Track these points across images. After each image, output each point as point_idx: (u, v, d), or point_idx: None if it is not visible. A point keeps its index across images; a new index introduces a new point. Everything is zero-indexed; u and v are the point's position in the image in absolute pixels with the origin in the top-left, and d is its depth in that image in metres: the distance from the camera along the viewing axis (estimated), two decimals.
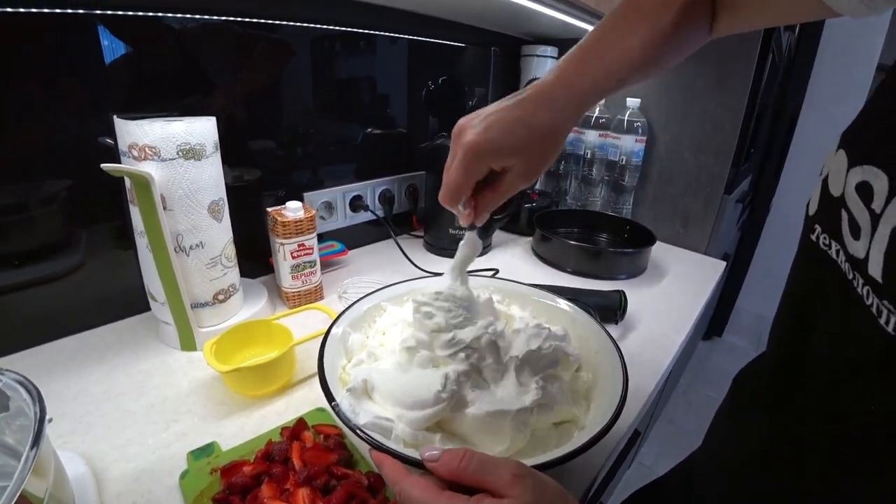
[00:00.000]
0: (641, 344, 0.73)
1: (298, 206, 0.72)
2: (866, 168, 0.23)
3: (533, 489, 0.30)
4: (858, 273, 0.23)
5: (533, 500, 0.29)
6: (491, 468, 0.31)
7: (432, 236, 1.02)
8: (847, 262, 0.25)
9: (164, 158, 0.56)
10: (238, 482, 0.42)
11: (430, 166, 0.99)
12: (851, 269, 0.24)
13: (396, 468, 0.34)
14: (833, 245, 0.26)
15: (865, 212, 0.23)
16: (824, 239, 0.27)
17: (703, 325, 2.27)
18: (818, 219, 0.29)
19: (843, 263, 0.25)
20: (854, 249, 0.24)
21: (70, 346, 0.65)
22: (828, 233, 0.27)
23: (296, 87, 0.84)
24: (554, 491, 0.31)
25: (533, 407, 0.41)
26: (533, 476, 0.31)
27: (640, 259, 0.97)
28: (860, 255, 0.23)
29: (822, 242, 0.28)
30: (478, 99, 1.20)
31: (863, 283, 0.23)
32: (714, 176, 1.11)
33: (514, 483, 0.30)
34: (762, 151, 1.84)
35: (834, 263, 0.26)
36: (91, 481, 0.45)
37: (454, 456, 0.32)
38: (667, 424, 1.92)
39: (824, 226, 0.28)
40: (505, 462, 0.32)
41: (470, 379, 0.42)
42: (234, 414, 0.55)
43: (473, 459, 0.32)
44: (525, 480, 0.30)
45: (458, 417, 0.40)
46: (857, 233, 0.24)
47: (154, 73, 0.66)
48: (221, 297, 0.66)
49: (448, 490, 0.31)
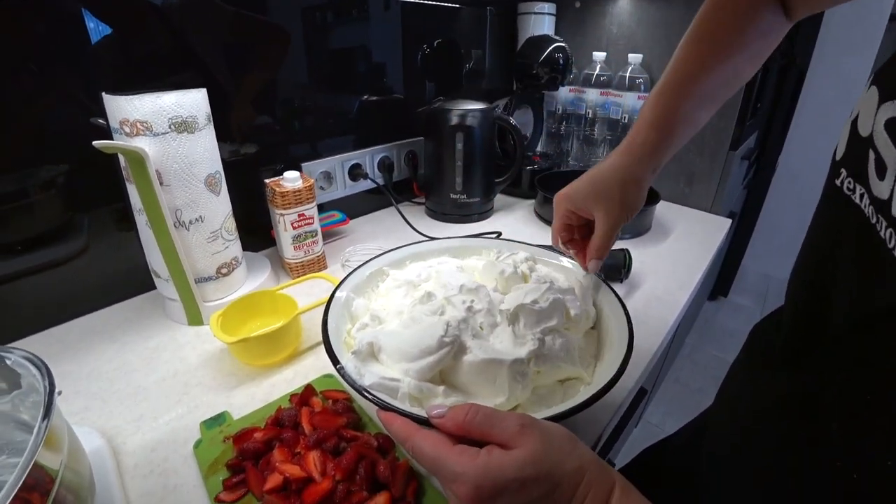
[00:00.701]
0: (647, 302, 0.73)
1: (296, 176, 0.71)
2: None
3: (540, 439, 0.30)
4: (882, 216, 0.23)
5: (541, 449, 0.30)
6: (497, 421, 0.31)
7: (433, 202, 1.01)
8: (871, 205, 0.24)
9: (157, 133, 0.55)
10: (250, 448, 0.43)
11: (428, 131, 0.97)
12: (875, 213, 0.24)
13: (406, 425, 0.34)
14: (857, 189, 0.26)
15: (893, 149, 0.22)
16: (849, 183, 0.27)
17: (709, 284, 2.26)
18: (844, 162, 0.28)
19: (866, 207, 0.25)
20: (879, 190, 0.23)
21: (79, 328, 0.66)
22: (853, 176, 0.27)
23: (288, 59, 0.82)
24: (561, 437, 0.31)
25: (529, 358, 0.41)
26: (539, 425, 0.31)
27: (645, 218, 0.96)
28: (884, 196, 0.23)
29: (847, 187, 0.27)
30: (475, 61, 1.17)
31: (886, 226, 0.22)
32: (719, 132, 1.09)
33: (521, 433, 0.30)
34: (769, 107, 1.79)
35: (857, 208, 0.26)
36: (108, 453, 0.46)
37: (460, 411, 0.32)
38: (673, 383, 1.94)
39: (850, 169, 0.27)
40: (510, 414, 0.32)
41: (469, 326, 0.43)
42: (244, 384, 0.55)
43: (479, 413, 0.32)
44: (532, 430, 0.30)
45: (458, 367, 0.41)
46: (883, 172, 0.23)
47: (141, 52, 0.65)
48: (225, 271, 0.66)
49: (460, 445, 0.32)
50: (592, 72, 1.15)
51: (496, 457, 0.29)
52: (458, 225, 0.98)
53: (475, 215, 0.99)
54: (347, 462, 0.39)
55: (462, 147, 0.91)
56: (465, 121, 0.89)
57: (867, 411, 0.24)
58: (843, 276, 0.27)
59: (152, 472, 0.45)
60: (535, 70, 1.08)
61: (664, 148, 0.50)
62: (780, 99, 1.88)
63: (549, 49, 1.07)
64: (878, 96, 0.25)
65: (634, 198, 0.50)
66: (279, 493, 0.39)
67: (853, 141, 0.27)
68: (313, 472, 0.39)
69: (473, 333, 0.43)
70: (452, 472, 0.30)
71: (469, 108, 0.90)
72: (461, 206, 0.97)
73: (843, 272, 0.27)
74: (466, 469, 0.29)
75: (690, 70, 0.48)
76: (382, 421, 0.35)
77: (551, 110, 1.26)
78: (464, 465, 0.30)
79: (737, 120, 1.07)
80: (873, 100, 0.25)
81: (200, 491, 0.43)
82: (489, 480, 0.29)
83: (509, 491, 0.28)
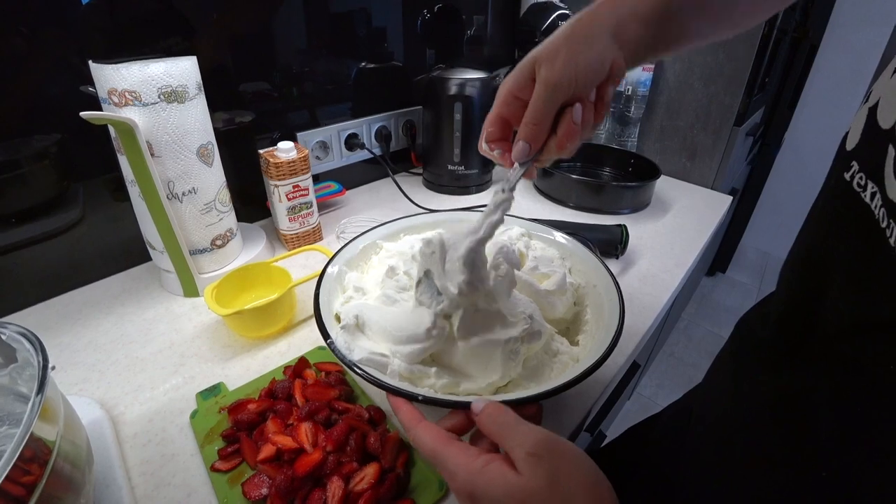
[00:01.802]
0: (642, 278, 0.73)
1: (290, 147, 0.70)
2: None
3: (548, 475, 0.27)
4: (894, 220, 0.21)
5: (544, 488, 0.27)
6: (512, 435, 0.30)
7: (431, 173, 1.00)
8: (883, 207, 0.22)
9: (146, 103, 0.54)
10: (244, 419, 0.44)
11: (427, 101, 0.95)
12: (887, 216, 0.21)
13: (411, 414, 0.34)
14: (869, 187, 0.23)
15: None
16: (860, 179, 0.24)
17: (708, 260, 2.26)
18: (857, 154, 0.25)
19: (877, 209, 0.22)
20: (895, 193, 0.21)
21: (77, 299, 0.66)
22: (866, 171, 0.24)
23: (286, 23, 0.79)
24: (574, 487, 0.27)
25: (522, 336, 0.41)
26: (552, 461, 0.28)
27: (644, 193, 0.95)
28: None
29: (857, 183, 0.25)
30: (476, 27, 1.14)
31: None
32: (724, 106, 1.07)
33: (526, 461, 0.28)
34: (777, 82, 1.74)
35: (865, 208, 0.23)
36: (108, 424, 0.47)
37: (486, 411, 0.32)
38: (667, 357, 1.97)
39: (863, 163, 0.25)
40: (528, 433, 0.30)
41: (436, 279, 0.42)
42: (239, 356, 0.56)
43: (499, 419, 0.31)
44: (538, 464, 0.27)
45: (451, 349, 0.41)
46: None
47: (133, 14, 0.63)
48: (219, 243, 0.66)
49: (459, 442, 0.32)
50: None
51: (492, 471, 0.28)
52: (456, 197, 0.97)
53: (473, 187, 0.99)
54: (338, 434, 0.40)
55: (460, 117, 0.89)
56: (463, 90, 0.88)
57: (858, 422, 0.23)
58: (841, 279, 0.25)
59: (150, 442, 0.46)
60: (537, 38, 1.05)
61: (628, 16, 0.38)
62: (790, 73, 1.83)
63: (553, 17, 1.03)
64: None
65: (585, 55, 0.36)
66: (272, 462, 0.40)
67: (870, 132, 0.25)
68: (305, 444, 0.40)
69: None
70: (445, 468, 0.31)
71: (468, 77, 0.88)
72: (459, 177, 0.96)
73: (841, 274, 0.25)
74: (458, 469, 0.30)
75: None
76: (391, 405, 0.36)
77: None
78: (458, 464, 0.30)
79: (743, 94, 1.05)
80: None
81: (197, 459, 0.44)
82: (474, 488, 0.28)
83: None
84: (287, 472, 0.38)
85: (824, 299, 0.26)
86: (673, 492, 0.39)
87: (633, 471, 0.34)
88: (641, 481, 0.46)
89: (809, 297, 0.28)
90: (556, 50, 0.36)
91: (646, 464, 0.49)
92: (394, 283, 0.47)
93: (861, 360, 0.23)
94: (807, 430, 0.26)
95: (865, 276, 0.23)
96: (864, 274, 0.23)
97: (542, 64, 0.36)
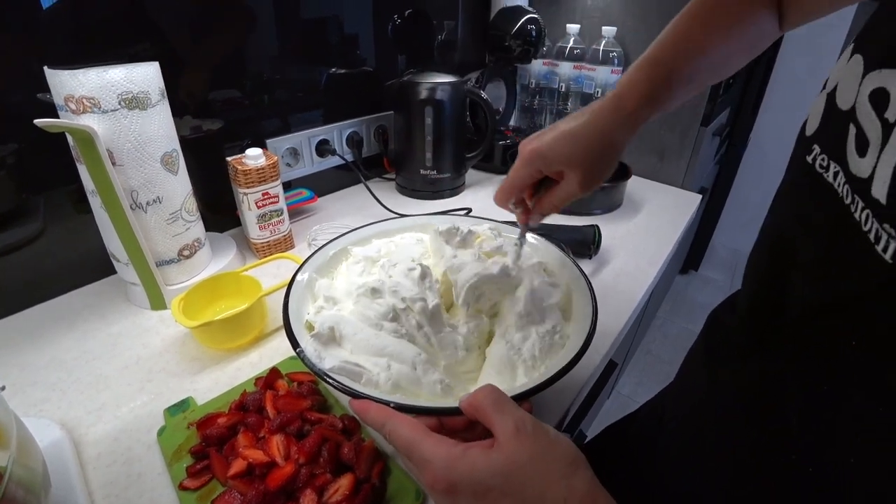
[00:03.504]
0: (616, 277, 0.73)
1: (259, 154, 0.69)
2: (885, 72, 0.21)
3: (529, 449, 0.28)
4: (859, 196, 0.22)
5: (522, 461, 0.28)
6: (503, 408, 0.30)
7: (404, 178, 0.99)
8: (847, 184, 0.23)
9: (106, 110, 0.52)
10: (214, 433, 0.42)
11: (398, 105, 0.95)
12: (851, 192, 0.22)
13: (381, 410, 0.33)
14: (832, 167, 0.24)
15: (877, 122, 0.21)
16: (822, 160, 0.25)
17: (680, 259, 2.31)
18: (818, 138, 0.26)
19: (841, 187, 0.23)
20: (858, 169, 0.22)
21: (37, 316, 0.63)
22: (828, 152, 0.25)
23: (257, 30, 0.78)
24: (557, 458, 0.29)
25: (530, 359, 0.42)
26: (538, 435, 0.29)
27: (616, 193, 0.96)
28: (864, 174, 0.21)
29: (820, 164, 0.26)
30: (447, 32, 1.14)
31: (862, 207, 0.21)
32: (691, 108, 1.09)
33: (515, 435, 0.29)
34: (742, 83, 1.80)
35: (829, 187, 0.24)
36: (68, 445, 0.45)
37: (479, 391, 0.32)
38: (645, 355, 2.00)
39: (825, 144, 0.26)
40: (517, 409, 0.31)
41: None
42: (209, 368, 0.54)
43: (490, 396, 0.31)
44: (525, 437, 0.29)
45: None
46: (865, 148, 0.22)
47: (95, 20, 0.61)
48: (187, 253, 0.64)
49: (437, 434, 0.31)
50: (566, 45, 1.13)
51: (472, 454, 0.28)
52: (429, 201, 0.97)
53: (446, 191, 0.98)
54: (311, 445, 0.39)
55: (432, 121, 0.89)
56: (434, 94, 0.87)
57: (825, 403, 0.23)
58: (806, 260, 0.26)
59: (115, 462, 0.44)
60: (507, 42, 1.06)
61: (647, 119, 0.45)
62: (753, 75, 1.90)
63: (522, 20, 1.04)
64: (862, 65, 0.23)
65: (612, 165, 0.45)
66: (243, 477, 0.39)
67: (829, 115, 0.26)
68: (276, 457, 0.39)
69: None
70: (422, 458, 0.30)
71: (439, 81, 0.88)
72: (432, 181, 0.96)
73: (805, 257, 0.26)
74: (435, 457, 0.29)
75: (686, 47, 0.44)
76: (356, 410, 0.35)
77: (524, 84, 1.25)
78: (434, 452, 0.29)
79: (708, 96, 1.07)
80: (857, 69, 0.23)
81: (165, 478, 0.42)
82: (454, 474, 0.28)
83: (470, 492, 0.28)
84: (259, 487, 0.37)
85: (789, 285, 0.27)
86: (649, 489, 0.39)
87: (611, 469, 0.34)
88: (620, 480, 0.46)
89: (775, 283, 0.29)
90: (592, 158, 0.43)
91: (623, 462, 0.50)
92: (376, 308, 0.45)
93: (825, 342, 0.24)
94: (775, 413, 0.27)
95: (832, 252, 0.24)
96: (831, 250, 0.24)
97: (577, 166, 0.43)
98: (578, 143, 0.43)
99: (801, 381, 0.25)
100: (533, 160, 0.44)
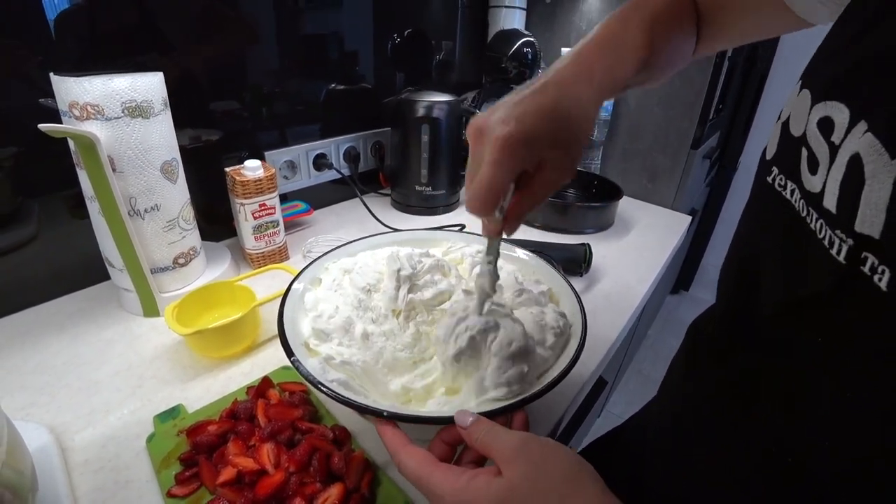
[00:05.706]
0: (606, 296, 0.74)
1: (257, 165, 0.70)
2: (828, 104, 0.24)
3: (528, 470, 0.29)
4: (813, 208, 0.24)
5: (522, 484, 0.29)
6: (498, 436, 0.31)
7: (399, 194, 1.01)
8: (802, 199, 0.25)
9: (109, 117, 0.53)
10: (204, 441, 0.42)
11: (395, 122, 0.97)
12: (806, 206, 0.25)
13: (396, 439, 0.34)
14: (789, 185, 0.27)
15: (825, 145, 0.23)
16: (780, 180, 0.28)
17: (671, 279, 2.33)
18: (776, 161, 0.29)
19: (797, 202, 0.26)
20: (811, 185, 0.24)
21: (27, 319, 0.63)
22: (785, 173, 0.28)
23: (258, 45, 0.80)
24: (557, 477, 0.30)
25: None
26: (536, 452, 0.30)
27: (608, 213, 0.98)
28: (816, 189, 0.24)
29: (778, 183, 0.28)
30: (445, 52, 1.17)
31: (816, 218, 0.23)
32: (681, 130, 1.12)
33: (515, 456, 0.30)
34: (731, 108, 1.85)
35: (787, 203, 0.27)
36: (55, 450, 0.44)
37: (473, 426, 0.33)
38: (636, 374, 2.00)
39: (782, 167, 0.28)
40: (508, 437, 0.32)
41: None
42: (200, 376, 0.54)
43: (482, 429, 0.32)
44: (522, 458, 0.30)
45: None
46: (815, 167, 0.24)
47: (104, 28, 0.62)
48: (182, 261, 0.64)
49: (443, 464, 0.32)
50: None
51: (477, 483, 0.30)
52: (424, 217, 0.98)
53: (441, 207, 1.00)
54: (301, 454, 0.39)
55: (428, 139, 0.91)
56: (431, 112, 0.89)
57: (800, 392, 0.25)
58: (771, 268, 0.28)
59: (103, 468, 0.44)
60: (503, 63, 1.09)
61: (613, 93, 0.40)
62: (742, 100, 1.94)
63: (518, 43, 1.07)
64: (810, 98, 0.26)
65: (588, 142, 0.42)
66: (232, 486, 0.39)
67: (785, 141, 0.28)
68: (266, 465, 0.39)
69: None
70: (432, 492, 0.31)
71: (436, 99, 0.90)
72: (427, 198, 0.97)
73: (771, 264, 0.28)
74: (444, 491, 0.30)
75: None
76: (378, 431, 0.36)
77: None
78: (443, 486, 0.30)
79: (698, 121, 1.10)
80: (806, 101, 0.26)
81: (153, 485, 0.42)
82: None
83: None
84: (248, 495, 0.37)
85: (758, 289, 0.29)
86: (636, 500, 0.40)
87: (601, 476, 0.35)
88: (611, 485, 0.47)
89: (746, 289, 0.31)
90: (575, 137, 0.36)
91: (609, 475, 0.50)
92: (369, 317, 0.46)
93: (794, 339, 0.25)
94: (755, 408, 0.28)
95: (791, 258, 0.26)
96: (791, 257, 0.26)
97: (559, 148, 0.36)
98: (558, 119, 0.35)
99: (777, 374, 0.27)
100: (517, 149, 0.34)
